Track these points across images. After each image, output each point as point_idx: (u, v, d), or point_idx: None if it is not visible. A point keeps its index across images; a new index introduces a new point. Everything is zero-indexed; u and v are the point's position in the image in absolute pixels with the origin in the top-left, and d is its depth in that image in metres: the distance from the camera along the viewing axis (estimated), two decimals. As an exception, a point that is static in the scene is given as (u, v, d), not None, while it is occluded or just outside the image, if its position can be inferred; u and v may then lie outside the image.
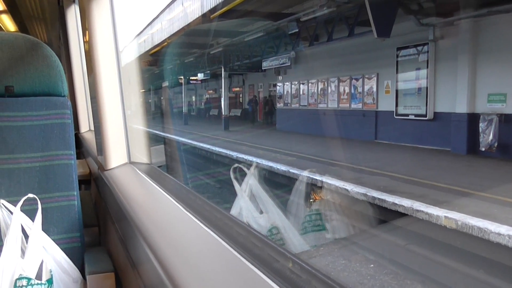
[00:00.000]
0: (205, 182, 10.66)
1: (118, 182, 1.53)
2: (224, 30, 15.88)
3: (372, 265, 4.99)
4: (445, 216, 5.12)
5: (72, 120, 1.50)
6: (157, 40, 17.44)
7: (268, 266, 0.76)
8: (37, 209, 1.18)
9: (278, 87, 19.35)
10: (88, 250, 1.48)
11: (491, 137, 9.34)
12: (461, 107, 10.11)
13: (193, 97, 33.21)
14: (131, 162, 1.77)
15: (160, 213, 1.20)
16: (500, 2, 8.61)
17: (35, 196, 1.21)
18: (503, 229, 4.57)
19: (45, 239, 1.24)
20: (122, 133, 1.75)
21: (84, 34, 1.99)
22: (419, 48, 11.33)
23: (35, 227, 1.17)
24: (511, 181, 7.27)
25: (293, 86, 17.95)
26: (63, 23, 3.33)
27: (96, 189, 1.95)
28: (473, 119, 9.82)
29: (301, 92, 17.42)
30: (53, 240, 1.28)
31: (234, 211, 1.90)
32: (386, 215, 5.82)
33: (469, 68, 9.88)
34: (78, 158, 1.63)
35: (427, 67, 11.14)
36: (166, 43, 17.04)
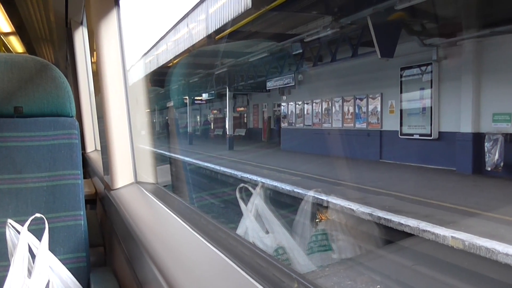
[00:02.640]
0: (210, 202, 10.63)
1: (125, 201, 1.54)
2: (229, 51, 16.04)
3: (378, 286, 4.92)
4: (452, 237, 5.08)
5: (79, 140, 1.51)
6: (162, 61, 17.61)
7: (274, 286, 0.76)
8: (44, 228, 1.18)
9: (282, 107, 19.42)
10: (94, 270, 1.48)
11: (496, 156, 9.30)
12: (466, 127, 10.10)
13: (198, 117, 33.36)
14: (137, 182, 1.77)
15: (167, 233, 1.20)
16: (502, 22, 8.67)
17: (42, 215, 1.22)
18: (511, 249, 4.52)
19: (51, 259, 1.24)
20: (128, 153, 1.76)
21: (92, 55, 2.03)
22: (423, 68, 11.38)
23: (42, 246, 1.17)
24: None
25: (297, 106, 18.02)
26: (70, 44, 3.39)
27: (102, 208, 1.96)
28: (478, 138, 9.80)
29: (305, 112, 17.48)
30: (60, 259, 1.27)
31: (240, 231, 1.90)
32: (392, 235, 5.77)
33: (473, 87, 9.90)
34: (84, 177, 1.64)
35: (431, 87, 11.18)
36: (171, 63, 17.21)
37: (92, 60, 2.00)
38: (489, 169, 9.45)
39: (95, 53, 1.81)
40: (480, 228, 5.33)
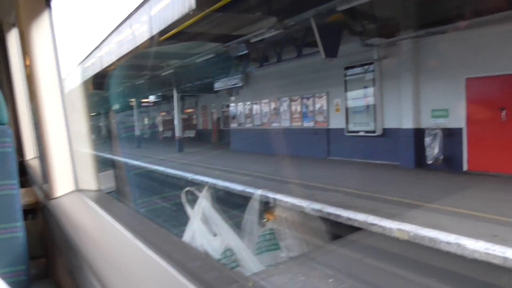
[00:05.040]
0: (160, 205, 10.45)
1: (65, 211, 1.48)
2: (175, 52, 15.85)
3: (331, 280, 5.03)
4: (397, 229, 5.27)
5: (13, 148, 1.44)
6: (106, 63, 17.13)
7: None
8: None
9: (231, 107, 19.42)
10: (36, 283, 1.42)
11: (436, 150, 9.76)
12: (408, 123, 10.52)
13: (146, 120, 32.74)
14: (78, 190, 1.71)
15: (109, 243, 1.16)
16: (436, 23, 9.11)
17: None
18: (451, 238, 4.75)
19: (-14, 275, 1.17)
20: (68, 160, 1.69)
21: (24, 59, 1.94)
22: (365, 67, 11.75)
23: (-26, 263, 1.10)
24: (457, 192, 7.59)
25: (246, 106, 18.08)
26: (3, 47, 3.22)
27: (42, 218, 1.88)
28: (419, 134, 10.23)
29: (254, 112, 17.57)
30: (-4, 275, 1.21)
31: (187, 235, 1.88)
32: (342, 230, 5.91)
33: (413, 85, 10.33)
34: (23, 186, 1.56)
35: (374, 85, 11.56)
36: (115, 65, 16.77)
37: (26, 64, 1.91)
38: (430, 162, 9.90)
39: (27, 56, 1.73)
40: (423, 219, 5.57)
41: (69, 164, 1.70)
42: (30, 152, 3.25)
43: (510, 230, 4.98)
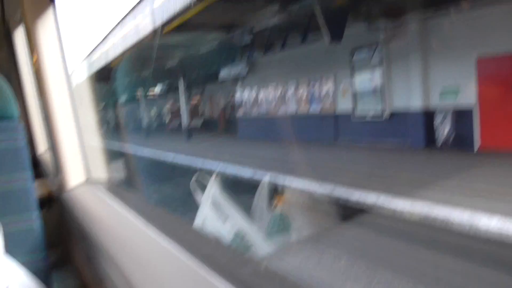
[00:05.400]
0: (170, 193, 10.54)
1: (78, 201, 1.52)
2: (179, 43, 15.83)
3: (343, 261, 5.05)
4: (409, 208, 5.27)
5: (26, 143, 1.47)
6: (111, 56, 17.19)
7: (236, 280, 0.76)
8: None
9: (237, 95, 19.39)
10: (54, 271, 1.47)
11: (446, 130, 9.70)
12: (417, 104, 10.44)
13: (153, 110, 32.86)
14: (90, 180, 1.75)
15: (122, 231, 1.19)
16: (443, 4, 8.99)
17: None
18: (465, 216, 4.75)
19: (8, 264, 1.21)
20: (79, 152, 1.73)
21: (31, 55, 1.97)
22: (373, 49, 11.62)
23: (-3, 253, 1.14)
24: (467, 170, 7.56)
25: (252, 93, 18.03)
26: (11, 44, 3.26)
27: (58, 208, 1.93)
28: (428, 114, 10.16)
29: (260, 99, 17.52)
30: (17, 264, 1.25)
31: (198, 221, 1.91)
32: (352, 212, 5.92)
33: (421, 65, 10.22)
34: (39, 177, 1.60)
35: (381, 67, 11.45)
36: (121, 58, 16.83)
37: (33, 60, 1.94)
38: (440, 142, 9.84)
39: (34, 52, 1.76)
40: (435, 198, 5.55)
41: (80, 156, 1.73)
42: (42, 146, 3.31)
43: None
